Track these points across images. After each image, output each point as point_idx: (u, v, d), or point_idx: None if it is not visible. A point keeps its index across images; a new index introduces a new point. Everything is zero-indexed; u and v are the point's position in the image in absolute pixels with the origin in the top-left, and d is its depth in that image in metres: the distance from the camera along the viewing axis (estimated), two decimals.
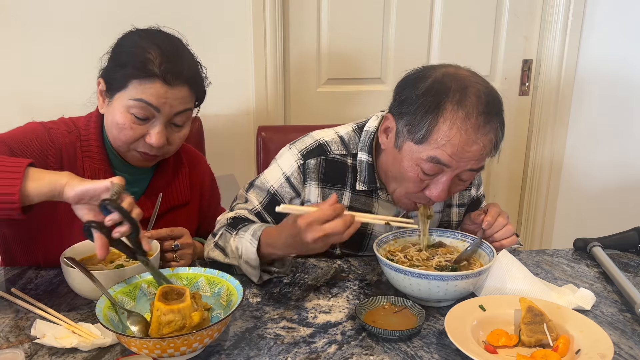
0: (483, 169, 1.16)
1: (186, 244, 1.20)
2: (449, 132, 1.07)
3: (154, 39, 1.17)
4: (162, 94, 1.13)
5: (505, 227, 1.19)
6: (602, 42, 2.14)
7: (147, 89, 1.13)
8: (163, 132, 1.17)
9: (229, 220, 1.24)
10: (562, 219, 2.36)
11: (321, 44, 2.10)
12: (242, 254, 1.13)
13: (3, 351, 0.83)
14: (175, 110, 1.17)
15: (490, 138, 1.10)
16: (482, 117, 1.07)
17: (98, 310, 0.89)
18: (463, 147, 1.07)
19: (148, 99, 1.13)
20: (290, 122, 2.17)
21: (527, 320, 0.94)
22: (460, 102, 1.07)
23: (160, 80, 1.13)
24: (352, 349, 0.93)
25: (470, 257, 1.15)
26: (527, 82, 2.24)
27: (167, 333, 0.86)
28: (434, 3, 2.10)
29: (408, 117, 1.12)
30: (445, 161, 1.09)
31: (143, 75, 1.13)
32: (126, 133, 1.17)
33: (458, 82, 1.09)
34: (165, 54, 1.14)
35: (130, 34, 1.20)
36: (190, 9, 1.90)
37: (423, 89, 1.11)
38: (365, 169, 1.26)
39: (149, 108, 1.14)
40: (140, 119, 1.15)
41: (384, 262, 1.07)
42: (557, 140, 2.24)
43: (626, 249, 1.37)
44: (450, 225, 1.40)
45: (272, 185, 1.28)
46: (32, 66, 1.91)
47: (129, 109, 1.15)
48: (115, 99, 1.17)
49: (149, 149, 1.19)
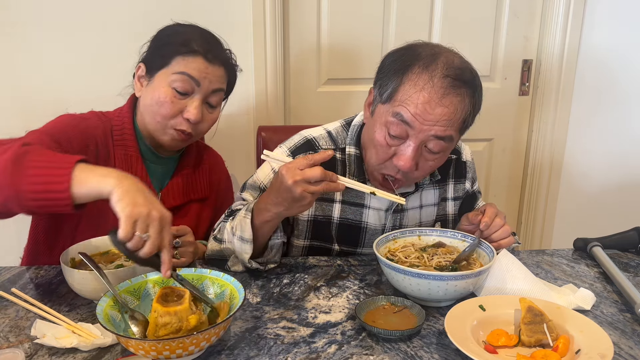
0: (452, 141, 1.17)
1: (188, 242, 1.20)
2: (410, 90, 1.12)
3: (193, 27, 1.31)
4: (203, 69, 1.25)
5: (503, 228, 1.19)
6: (602, 41, 2.14)
7: (190, 63, 1.24)
8: (200, 108, 1.26)
9: (225, 214, 1.28)
10: (562, 219, 2.36)
11: (321, 44, 2.10)
12: (236, 231, 1.15)
13: (3, 351, 0.83)
14: (213, 87, 1.27)
15: (455, 104, 1.12)
16: (447, 80, 1.10)
17: (99, 309, 0.89)
18: (425, 108, 1.10)
19: (191, 72, 1.24)
20: (290, 122, 2.17)
21: (527, 320, 0.94)
22: (427, 65, 1.12)
23: (202, 57, 1.25)
24: (352, 349, 0.93)
25: (470, 257, 1.15)
26: (527, 82, 2.24)
27: (162, 335, 0.86)
28: (434, 3, 2.10)
29: (380, 82, 1.19)
30: (407, 119, 1.12)
31: (186, 50, 1.24)
32: (167, 107, 1.24)
33: (431, 50, 1.15)
34: (205, 37, 1.28)
35: (171, 25, 1.32)
36: (191, 9, 1.90)
37: (397, 55, 1.18)
38: (354, 162, 1.29)
39: (190, 81, 1.24)
40: (181, 93, 1.25)
41: (384, 262, 1.07)
42: (557, 140, 2.24)
43: (626, 249, 1.38)
44: (446, 219, 1.42)
45: (262, 181, 1.32)
46: (32, 66, 1.91)
47: (172, 83, 1.24)
48: (156, 77, 1.26)
49: (186, 126, 1.26)
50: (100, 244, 1.17)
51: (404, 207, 1.34)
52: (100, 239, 1.17)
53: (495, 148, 2.33)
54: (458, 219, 1.44)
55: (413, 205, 1.35)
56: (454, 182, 1.41)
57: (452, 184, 1.40)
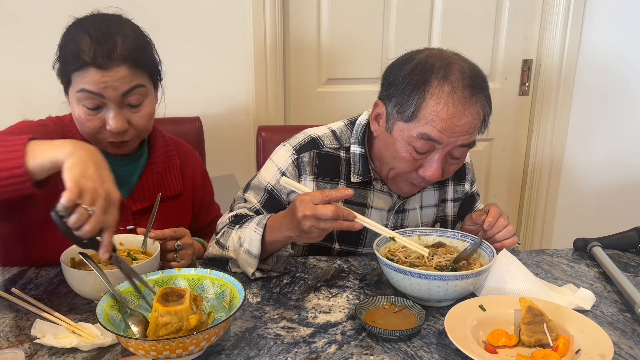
0: (474, 145, 1.18)
1: (187, 244, 1.20)
2: (436, 107, 1.10)
3: (86, 27, 1.16)
4: (99, 79, 1.13)
5: (506, 228, 1.20)
6: (602, 42, 2.14)
7: (84, 78, 1.13)
8: (119, 116, 1.16)
9: (230, 218, 1.26)
10: (562, 219, 2.36)
11: (321, 44, 2.10)
12: (243, 242, 1.14)
13: (3, 351, 0.83)
14: (120, 92, 1.15)
15: (477, 111, 1.13)
16: (467, 90, 1.11)
17: (99, 309, 0.89)
18: (452, 121, 1.10)
19: (88, 88, 1.13)
20: (290, 122, 2.17)
21: (527, 320, 0.94)
22: (445, 77, 1.11)
23: (93, 67, 1.12)
24: (352, 349, 0.93)
25: (470, 256, 1.15)
26: (527, 82, 2.24)
27: (163, 335, 0.86)
28: (434, 3, 2.10)
29: (396, 98, 1.15)
30: (435, 137, 1.11)
31: (77, 65, 1.13)
32: (87, 125, 1.18)
33: (442, 60, 1.14)
34: (94, 39, 1.13)
35: (68, 28, 1.19)
36: (191, 9, 1.90)
37: (409, 69, 1.15)
38: (359, 161, 1.28)
39: (93, 96, 1.14)
40: (91, 109, 1.16)
41: (384, 262, 1.07)
42: (557, 140, 2.24)
43: (626, 249, 1.37)
44: (445, 220, 1.42)
45: (269, 182, 1.29)
46: (30, 64, 1.90)
47: (80, 102, 1.16)
48: (69, 95, 1.19)
49: (114, 136, 1.19)
50: None
51: (405, 207, 1.34)
52: None
53: (495, 148, 2.33)
54: (457, 221, 1.45)
55: (414, 206, 1.35)
56: (454, 184, 1.41)
57: (452, 185, 1.41)
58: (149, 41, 1.23)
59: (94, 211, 0.88)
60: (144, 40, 1.22)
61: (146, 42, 1.22)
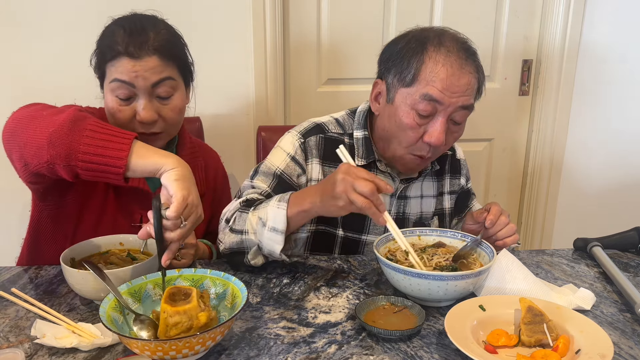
0: (473, 109, 1.22)
1: (190, 244, 1.20)
2: (434, 67, 1.16)
3: (122, 23, 1.22)
4: (130, 68, 1.17)
5: (508, 226, 1.21)
6: (602, 41, 2.14)
7: (117, 68, 1.18)
8: (149, 106, 1.21)
9: (242, 203, 1.22)
10: (562, 219, 2.36)
11: (321, 44, 2.10)
12: (267, 221, 1.11)
13: (3, 351, 0.83)
14: (150, 82, 1.19)
15: (473, 74, 1.19)
16: (462, 52, 1.18)
17: (102, 311, 0.89)
18: (451, 80, 1.16)
19: (120, 77, 1.18)
20: (290, 122, 2.17)
21: (527, 320, 0.94)
22: (440, 43, 1.18)
23: (126, 56, 1.17)
24: (352, 349, 0.93)
25: (469, 254, 1.15)
26: (527, 82, 2.24)
27: (174, 335, 0.86)
28: (434, 3, 2.10)
29: (395, 68, 1.22)
30: (436, 97, 1.16)
31: (111, 55, 1.19)
32: (119, 116, 1.22)
33: (434, 31, 1.22)
34: (128, 31, 1.19)
35: (107, 25, 1.25)
36: (191, 9, 1.90)
37: (404, 42, 1.22)
38: (363, 144, 1.32)
39: (124, 85, 1.19)
40: (123, 100, 1.21)
41: (384, 262, 1.07)
42: (557, 140, 2.24)
43: (626, 249, 1.38)
44: (443, 213, 1.45)
45: (278, 166, 1.30)
46: (32, 63, 1.90)
47: (113, 93, 1.21)
48: (104, 87, 1.24)
49: (144, 127, 1.23)
50: (101, 243, 1.17)
51: (407, 194, 1.37)
52: (101, 239, 1.17)
53: (495, 148, 2.33)
54: (454, 214, 1.48)
55: (415, 194, 1.39)
56: (450, 177, 1.46)
57: (449, 179, 1.45)
58: (181, 39, 1.29)
59: (185, 225, 0.99)
60: (176, 36, 1.27)
61: (178, 39, 1.28)
